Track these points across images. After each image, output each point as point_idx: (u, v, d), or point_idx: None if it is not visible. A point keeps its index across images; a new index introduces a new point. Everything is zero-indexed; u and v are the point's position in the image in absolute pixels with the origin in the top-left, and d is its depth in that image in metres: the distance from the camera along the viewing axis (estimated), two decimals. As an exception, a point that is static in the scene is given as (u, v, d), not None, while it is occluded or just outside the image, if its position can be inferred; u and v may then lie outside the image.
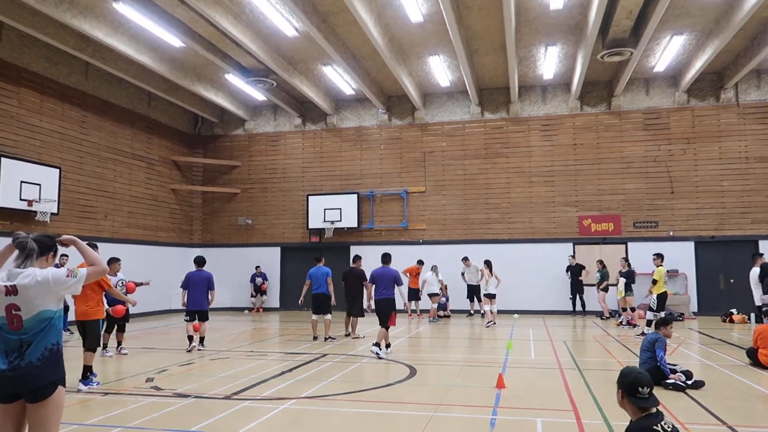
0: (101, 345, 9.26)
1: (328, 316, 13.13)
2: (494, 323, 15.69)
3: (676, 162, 19.20)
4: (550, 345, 12.10)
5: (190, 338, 11.40)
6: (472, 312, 18.87)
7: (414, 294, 18.27)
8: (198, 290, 11.36)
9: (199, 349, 11.32)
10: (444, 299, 18.51)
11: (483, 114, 20.75)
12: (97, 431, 5.84)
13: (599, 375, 8.83)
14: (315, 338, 13.21)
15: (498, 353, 11.11)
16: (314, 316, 13.42)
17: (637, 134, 19.60)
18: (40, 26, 14.19)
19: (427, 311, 18.52)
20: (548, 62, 17.89)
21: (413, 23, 14.92)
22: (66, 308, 13.79)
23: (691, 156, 19.14)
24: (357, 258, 14.22)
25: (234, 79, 18.33)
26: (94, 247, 8.31)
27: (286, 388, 7.91)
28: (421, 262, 18.51)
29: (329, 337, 12.99)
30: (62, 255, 14.01)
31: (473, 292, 18.33)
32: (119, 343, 11.17)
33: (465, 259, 18.49)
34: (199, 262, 11.66)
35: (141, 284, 11.39)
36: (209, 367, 9.65)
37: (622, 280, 14.97)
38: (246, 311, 21.51)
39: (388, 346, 10.93)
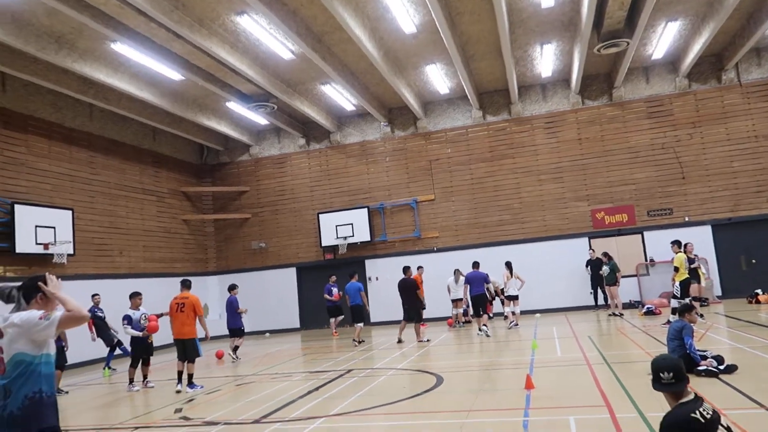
0: (200, 355, 10.63)
1: (360, 324, 15.56)
2: (517, 324, 15.59)
3: (684, 147, 19.07)
4: (576, 341, 11.98)
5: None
6: (491, 315, 18.57)
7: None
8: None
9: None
10: (466, 305, 18.20)
11: (485, 117, 20.77)
12: (131, 466, 5.85)
13: (629, 368, 8.72)
14: (360, 342, 15.17)
15: (524, 354, 11.02)
16: (357, 325, 15.58)
17: (641, 123, 19.52)
18: (42, 73, 14.44)
19: (440, 319, 18.43)
20: (545, 60, 17.90)
21: (407, 34, 15.02)
22: (113, 348, 13.92)
23: (698, 140, 19.01)
24: (406, 269, 15.20)
25: (235, 106, 18.51)
26: None
27: (314, 407, 7.88)
28: (420, 268, 18.10)
29: (360, 341, 15.19)
30: (94, 294, 14.13)
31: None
32: (145, 377, 11.21)
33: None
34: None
35: (162, 315, 11.45)
36: (236, 393, 9.65)
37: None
38: (267, 334, 21.51)
39: (485, 326, 14.13)
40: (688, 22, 16.18)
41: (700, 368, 7.51)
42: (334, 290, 18.25)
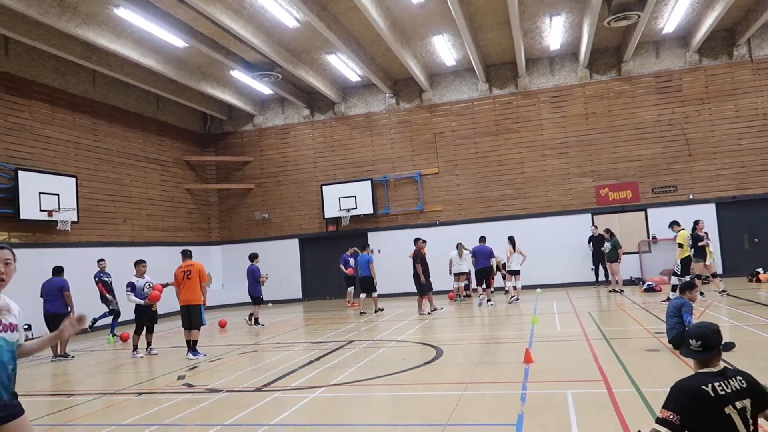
0: (203, 323, 10.69)
1: (374, 294, 15.75)
2: (517, 299, 15.70)
3: (691, 124, 18.89)
4: (575, 317, 12.06)
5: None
6: (492, 290, 18.60)
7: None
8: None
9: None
10: (466, 281, 18.25)
11: (491, 90, 20.55)
12: (134, 430, 5.96)
13: (627, 344, 8.79)
14: (362, 313, 15.41)
15: (523, 329, 11.11)
16: (362, 295, 15.82)
17: (649, 99, 19.29)
18: (45, 38, 14.30)
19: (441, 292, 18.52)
20: (554, 33, 17.62)
21: (414, 4, 14.77)
22: (117, 315, 14.03)
23: (706, 116, 18.81)
24: (416, 240, 15.21)
25: (239, 75, 18.34)
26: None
27: (315, 376, 7.99)
28: (423, 241, 17.95)
29: (379, 309, 15.74)
30: (100, 260, 14.12)
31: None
32: (149, 344, 11.35)
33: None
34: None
35: (167, 285, 11.56)
36: (238, 361, 9.78)
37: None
38: (270, 304, 21.68)
39: (489, 300, 15.21)
40: (701, -5, 15.86)
41: (698, 346, 7.54)
42: (351, 261, 17.89)
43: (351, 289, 18.31)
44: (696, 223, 13.95)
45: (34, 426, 2.97)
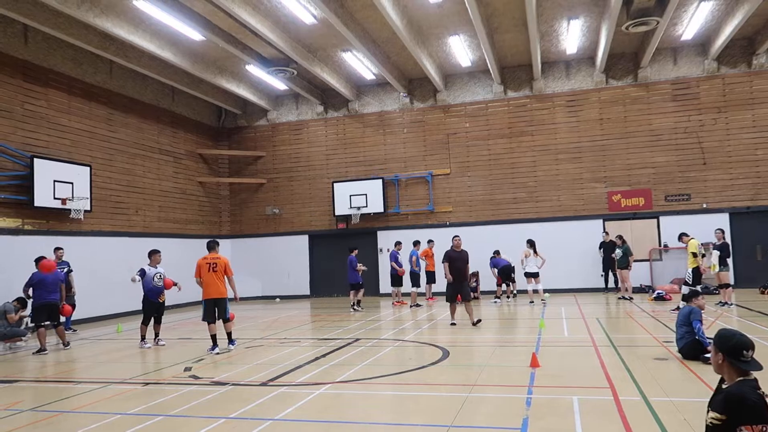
0: (227, 316, 10.46)
1: (414, 289, 16.91)
2: (541, 301, 15.90)
3: (707, 132, 18.70)
4: (583, 323, 11.98)
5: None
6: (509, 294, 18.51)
7: (431, 277, 17.64)
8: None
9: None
10: (474, 282, 18.22)
11: (506, 93, 20.47)
12: (140, 420, 6.00)
13: (634, 351, 8.72)
14: (416, 306, 16.57)
15: (530, 333, 11.06)
16: (414, 289, 16.95)
17: (665, 106, 19.12)
18: (64, 27, 14.41)
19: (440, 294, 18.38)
20: (571, 36, 17.50)
21: (431, 3, 14.73)
22: (74, 306, 13.76)
23: (722, 125, 18.62)
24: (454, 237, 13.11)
25: (255, 69, 18.39)
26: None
27: (320, 373, 8.00)
28: (431, 242, 18.05)
29: (415, 305, 16.60)
30: (57, 248, 13.93)
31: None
32: (156, 335, 11.42)
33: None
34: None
35: (175, 284, 11.58)
36: (244, 356, 9.81)
37: (716, 253, 13.71)
38: (277, 299, 21.76)
39: (508, 297, 17.35)
40: (721, 2, 15.69)
41: (706, 356, 7.47)
42: (399, 258, 17.47)
43: (396, 288, 17.60)
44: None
45: (42, 413, 2.95)
